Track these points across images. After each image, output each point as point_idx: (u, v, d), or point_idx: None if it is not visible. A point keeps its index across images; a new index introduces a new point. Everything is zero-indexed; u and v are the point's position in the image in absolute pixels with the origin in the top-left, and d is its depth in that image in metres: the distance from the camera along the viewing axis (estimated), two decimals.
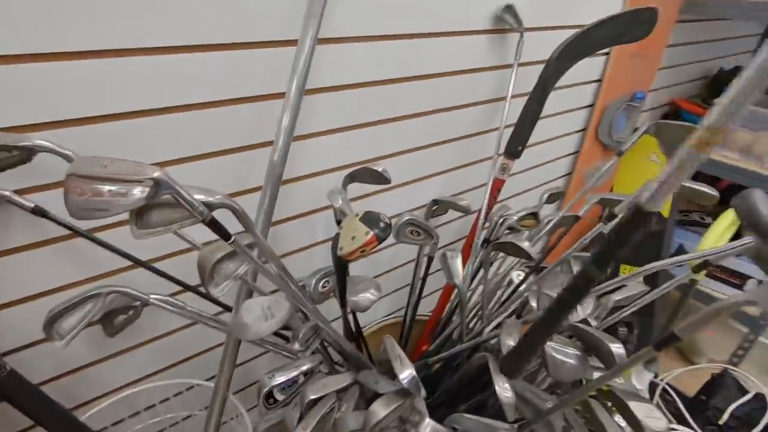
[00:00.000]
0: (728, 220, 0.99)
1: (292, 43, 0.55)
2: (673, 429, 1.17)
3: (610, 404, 0.52)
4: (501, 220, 0.80)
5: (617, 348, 0.45)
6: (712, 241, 0.99)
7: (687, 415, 1.15)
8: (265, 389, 0.46)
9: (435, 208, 0.78)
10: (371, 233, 0.45)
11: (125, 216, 0.33)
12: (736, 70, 1.50)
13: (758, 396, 1.12)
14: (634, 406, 0.48)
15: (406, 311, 0.76)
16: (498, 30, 0.80)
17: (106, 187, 0.30)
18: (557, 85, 1.01)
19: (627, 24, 0.76)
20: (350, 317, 0.68)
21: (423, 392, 0.43)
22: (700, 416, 1.13)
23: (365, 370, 0.53)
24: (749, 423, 1.06)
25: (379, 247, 0.87)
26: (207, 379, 0.66)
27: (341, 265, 0.51)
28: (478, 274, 0.77)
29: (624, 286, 0.62)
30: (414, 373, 0.42)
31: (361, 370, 0.54)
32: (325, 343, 0.58)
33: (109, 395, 0.60)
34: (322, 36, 0.58)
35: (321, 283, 0.64)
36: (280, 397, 0.47)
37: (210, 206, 0.36)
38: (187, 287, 0.57)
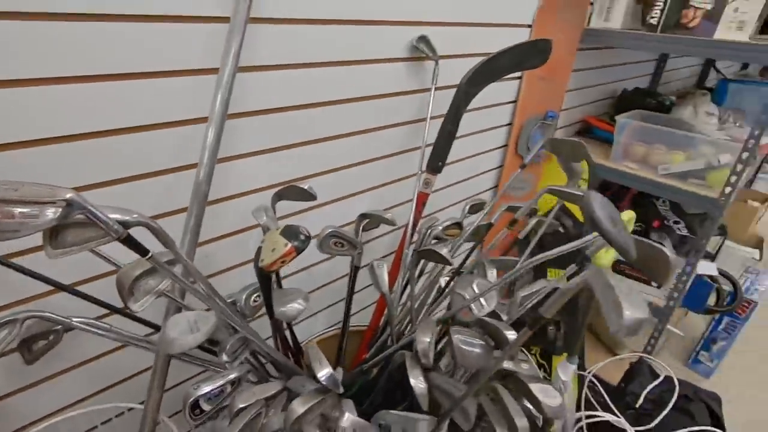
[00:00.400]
0: (625, 218, 1.11)
1: (214, 71, 0.58)
2: (598, 416, 1.27)
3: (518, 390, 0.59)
4: (428, 231, 0.86)
5: (510, 334, 0.52)
6: None
7: (610, 403, 1.26)
8: (190, 399, 0.47)
9: (365, 222, 0.83)
10: (290, 245, 0.49)
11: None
12: (636, 91, 1.70)
13: (668, 378, 1.25)
14: (534, 387, 0.55)
15: (344, 323, 0.80)
16: (415, 58, 0.88)
17: (17, 209, 0.32)
18: (479, 105, 1.12)
19: (526, 53, 0.87)
20: (287, 332, 0.70)
21: (341, 389, 0.47)
22: (621, 402, 1.24)
23: (295, 377, 0.56)
24: (661, 404, 1.18)
25: (315, 261, 0.91)
26: (140, 403, 0.66)
27: (264, 277, 0.54)
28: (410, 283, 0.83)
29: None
30: (331, 371, 0.46)
31: (292, 377, 0.57)
32: (257, 355, 0.60)
33: (31, 426, 0.59)
34: (246, 64, 0.62)
35: (252, 298, 0.66)
36: (206, 407, 0.49)
37: (126, 224, 0.38)
38: (111, 308, 0.57)
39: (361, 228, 0.80)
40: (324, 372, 0.46)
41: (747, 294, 1.51)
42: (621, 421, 1.21)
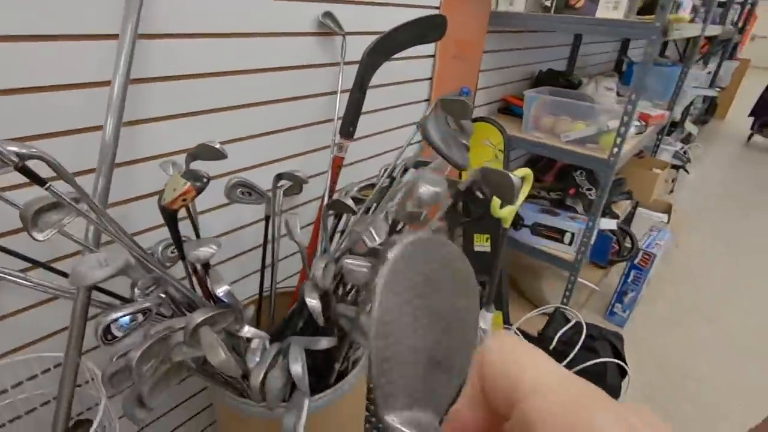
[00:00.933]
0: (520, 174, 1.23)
1: (115, 37, 0.64)
2: None
3: None
4: (345, 192, 0.95)
5: None
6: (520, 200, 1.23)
7: None
8: (102, 325, 0.53)
9: (281, 182, 0.90)
10: (188, 184, 0.55)
11: None
12: (550, 72, 1.86)
13: (577, 323, 1.40)
14: None
15: (261, 273, 0.86)
16: (324, 33, 0.95)
17: None
18: (398, 80, 1.21)
19: (423, 27, 0.96)
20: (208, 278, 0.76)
21: (240, 305, 0.54)
22: (540, 346, 1.38)
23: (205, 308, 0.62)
24: (571, 344, 1.33)
25: (244, 224, 0.96)
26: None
27: (169, 216, 0.59)
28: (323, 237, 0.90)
29: None
30: (229, 288, 0.53)
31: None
32: (172, 296, 0.66)
33: None
34: (155, 32, 0.67)
35: (170, 249, 0.72)
36: (118, 333, 0.55)
37: (22, 156, 0.43)
38: (32, 261, 0.61)
39: (276, 187, 0.87)
40: (222, 289, 0.52)
41: (648, 248, 1.71)
42: None
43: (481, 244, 1.58)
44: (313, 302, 0.58)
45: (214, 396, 0.83)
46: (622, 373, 1.35)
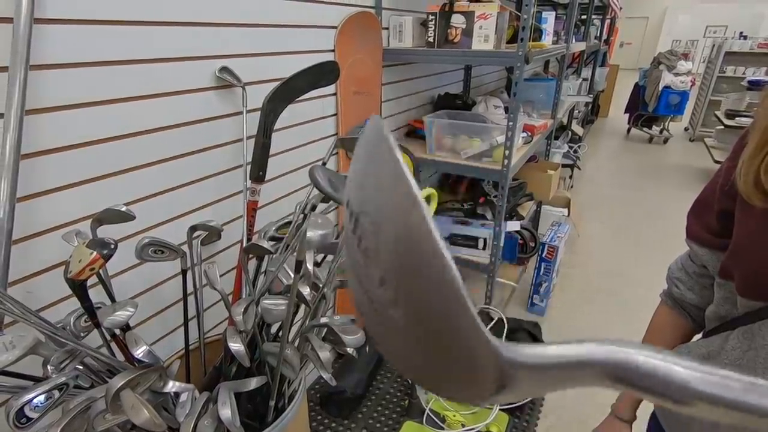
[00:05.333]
0: (425, 194, 1.35)
1: None
2: None
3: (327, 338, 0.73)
4: (264, 233, 0.98)
5: (306, 292, 0.66)
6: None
7: None
8: (14, 410, 0.52)
9: (196, 233, 0.92)
10: (94, 253, 0.57)
11: None
12: (446, 95, 2.04)
13: (499, 320, 1.54)
14: (338, 329, 0.70)
15: (185, 329, 0.87)
16: (224, 86, 1.00)
17: None
18: (306, 119, 1.28)
19: (317, 73, 1.05)
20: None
21: (161, 360, 0.56)
22: None
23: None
24: None
25: (164, 278, 0.96)
26: None
27: (78, 287, 0.60)
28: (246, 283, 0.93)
29: None
30: (147, 348, 0.55)
31: None
32: (90, 366, 0.65)
33: None
34: (47, 105, 0.68)
35: (83, 319, 0.71)
36: (34, 415, 0.54)
37: None
38: None
39: (192, 239, 0.89)
40: (141, 349, 0.54)
41: (552, 242, 1.92)
42: None
43: None
44: (235, 347, 0.61)
45: None
46: None
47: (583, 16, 3.16)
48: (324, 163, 0.97)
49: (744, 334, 0.51)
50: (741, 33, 5.98)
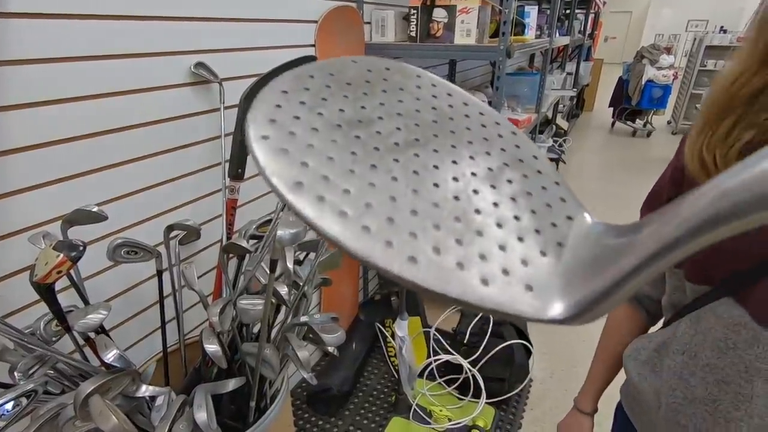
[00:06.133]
0: None
1: None
2: (440, 359, 1.50)
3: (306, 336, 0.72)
4: (244, 232, 0.97)
5: (283, 291, 0.65)
6: None
7: (448, 346, 1.51)
8: None
9: (173, 233, 0.90)
10: (61, 255, 0.55)
11: None
12: None
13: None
14: (317, 328, 0.69)
15: (162, 331, 0.85)
16: (200, 82, 0.98)
17: None
18: None
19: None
20: None
21: (132, 364, 0.54)
22: (456, 342, 1.50)
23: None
24: (482, 334, 1.46)
25: (142, 279, 0.93)
26: None
27: (45, 291, 0.58)
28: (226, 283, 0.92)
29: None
30: (118, 352, 0.53)
31: None
32: (61, 371, 0.63)
33: None
34: (15, 101, 0.65)
35: (54, 323, 0.69)
36: (0, 423, 0.52)
37: None
38: None
39: (169, 239, 0.87)
40: (111, 353, 0.53)
41: None
42: (457, 358, 1.45)
43: None
44: (212, 348, 0.60)
45: None
46: (529, 352, 1.51)
47: (567, 11, 3.18)
48: None
49: (692, 319, 0.53)
50: (722, 27, 6.07)
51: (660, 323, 0.64)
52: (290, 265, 0.77)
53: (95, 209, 0.71)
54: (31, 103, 0.70)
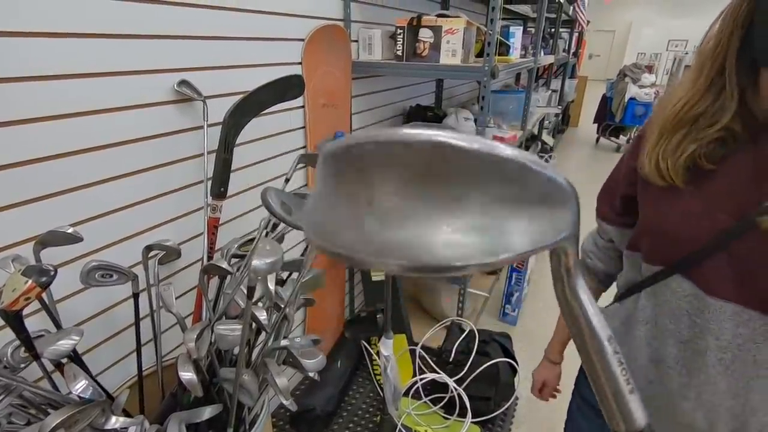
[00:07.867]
0: None
1: None
2: (426, 378, 1.49)
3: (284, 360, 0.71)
4: (226, 251, 0.95)
5: (263, 316, 0.64)
6: None
7: (433, 365, 1.49)
8: None
9: (151, 253, 0.88)
10: (29, 281, 0.53)
11: None
12: (418, 107, 2.05)
13: (470, 332, 1.54)
14: (297, 352, 0.68)
15: (138, 356, 0.83)
16: (183, 99, 0.97)
17: None
18: (274, 132, 1.26)
19: (283, 87, 1.03)
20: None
21: (102, 394, 0.52)
22: (441, 360, 1.49)
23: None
24: (468, 352, 1.45)
25: (117, 301, 0.91)
26: None
27: (12, 318, 0.56)
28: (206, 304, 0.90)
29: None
30: (86, 382, 0.52)
31: None
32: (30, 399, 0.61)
33: None
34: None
35: (22, 350, 0.66)
36: None
37: None
38: None
39: (148, 259, 0.85)
40: (79, 384, 0.51)
41: None
42: (443, 377, 1.44)
43: (378, 273, 1.66)
44: (186, 376, 0.59)
45: None
46: (515, 370, 1.50)
47: (552, 29, 3.26)
48: (287, 179, 0.95)
49: (648, 294, 0.64)
50: None
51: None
52: (272, 286, 0.76)
53: (70, 230, 0.70)
54: (8, 122, 0.69)
